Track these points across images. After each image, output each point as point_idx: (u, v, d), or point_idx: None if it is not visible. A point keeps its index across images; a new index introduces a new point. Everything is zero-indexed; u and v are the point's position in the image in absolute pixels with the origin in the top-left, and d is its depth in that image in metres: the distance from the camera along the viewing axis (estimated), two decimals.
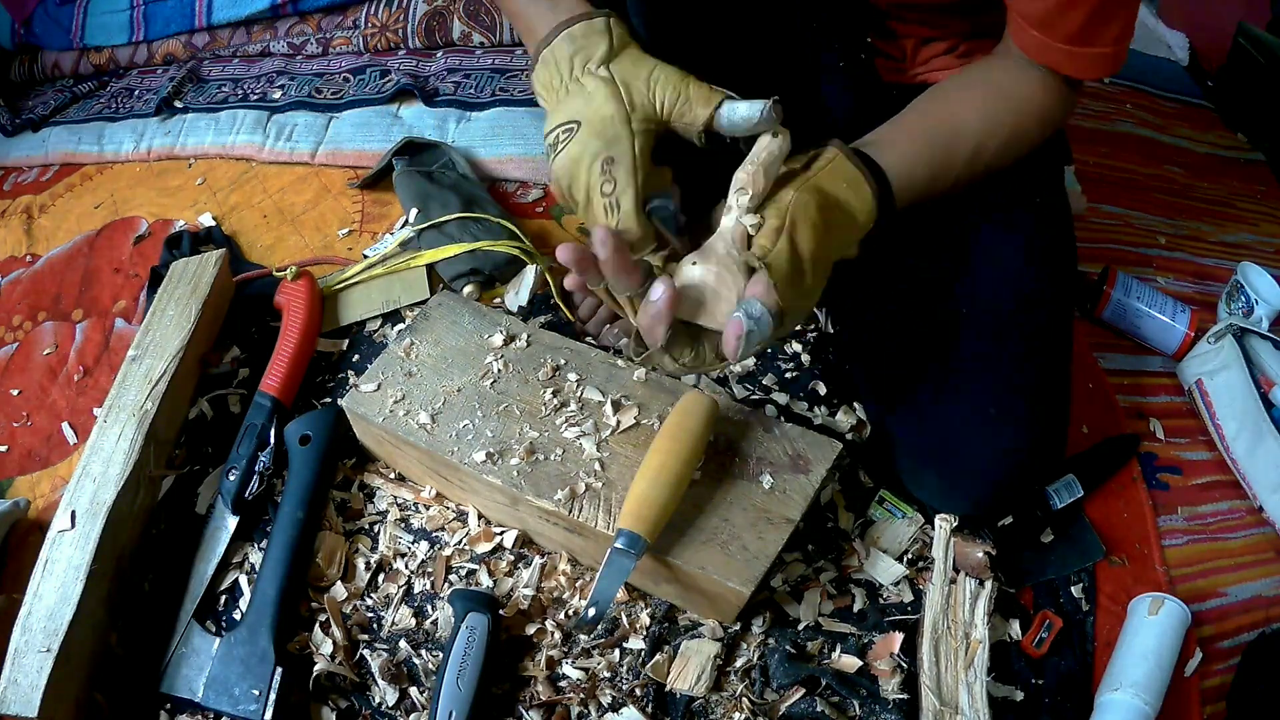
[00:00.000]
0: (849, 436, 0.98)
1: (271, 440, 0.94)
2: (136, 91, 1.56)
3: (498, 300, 1.12)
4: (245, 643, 0.81)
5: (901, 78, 0.93)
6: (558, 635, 0.84)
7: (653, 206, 0.69)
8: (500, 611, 0.83)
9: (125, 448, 0.89)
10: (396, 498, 0.94)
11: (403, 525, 0.92)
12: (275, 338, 1.03)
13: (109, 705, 0.81)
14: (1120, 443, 1.03)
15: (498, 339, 0.92)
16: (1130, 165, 1.43)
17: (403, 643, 0.84)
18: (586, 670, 0.82)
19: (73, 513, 0.85)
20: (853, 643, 0.84)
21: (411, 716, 0.80)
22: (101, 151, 1.45)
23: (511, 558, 0.89)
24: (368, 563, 0.89)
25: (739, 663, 0.82)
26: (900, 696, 0.81)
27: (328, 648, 0.83)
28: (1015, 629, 0.87)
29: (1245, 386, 1.03)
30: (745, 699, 0.80)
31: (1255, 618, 0.93)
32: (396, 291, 1.12)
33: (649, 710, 0.79)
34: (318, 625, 0.85)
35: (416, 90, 1.42)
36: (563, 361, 0.91)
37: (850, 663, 0.83)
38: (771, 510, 0.81)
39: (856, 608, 0.87)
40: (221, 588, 0.88)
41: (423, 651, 0.83)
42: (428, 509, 0.93)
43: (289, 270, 1.08)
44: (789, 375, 1.04)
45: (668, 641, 0.83)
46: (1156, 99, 1.58)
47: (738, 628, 0.84)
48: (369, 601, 0.87)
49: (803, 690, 0.80)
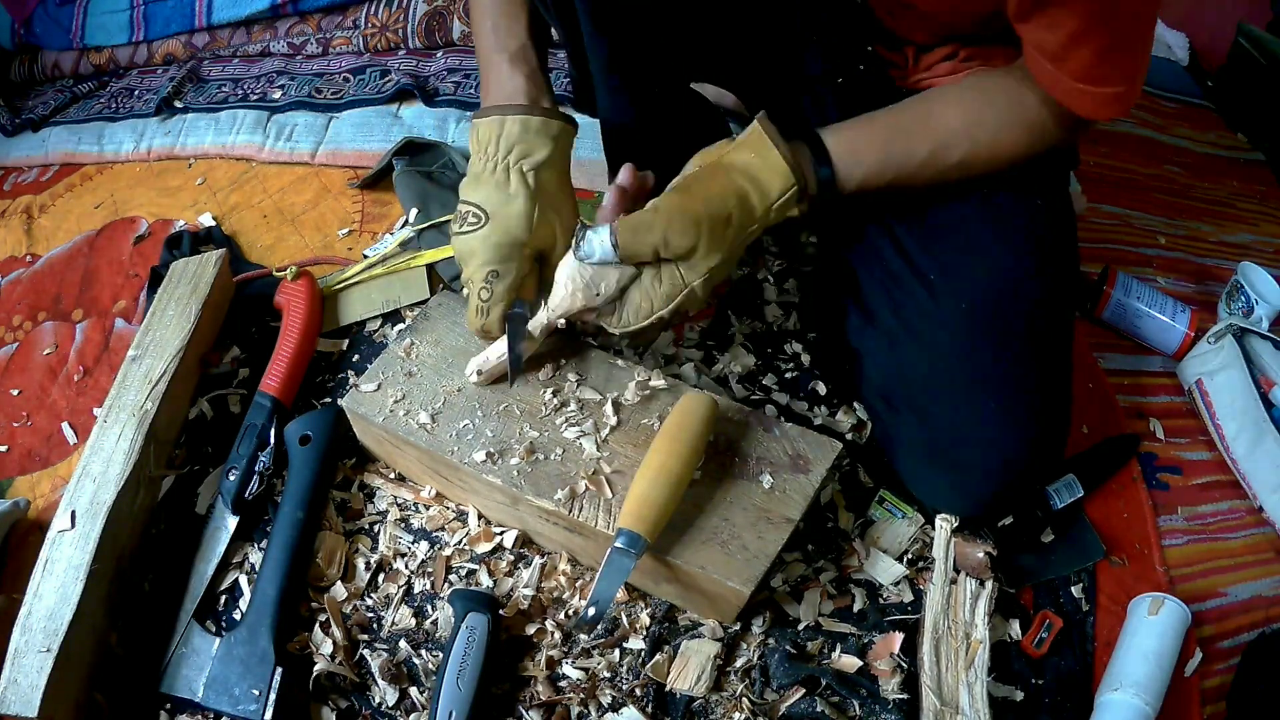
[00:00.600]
0: (849, 436, 0.98)
1: (271, 440, 0.94)
2: (136, 91, 1.56)
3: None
4: (245, 643, 0.81)
5: (904, 84, 0.93)
6: (558, 635, 0.84)
7: (510, 315, 0.84)
8: (500, 611, 0.83)
9: (125, 448, 0.89)
10: (396, 498, 0.94)
11: (403, 525, 0.92)
12: (275, 338, 1.03)
13: (109, 705, 0.81)
14: (1120, 443, 1.03)
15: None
16: (1130, 165, 1.43)
17: (403, 643, 0.84)
18: (586, 670, 0.82)
19: (73, 513, 0.85)
20: (853, 643, 0.84)
21: (411, 716, 0.80)
22: (101, 151, 1.45)
23: (511, 558, 0.89)
24: (368, 563, 0.89)
25: (739, 663, 0.82)
26: (900, 696, 0.81)
27: (328, 648, 0.83)
28: (1015, 629, 0.87)
29: (1245, 386, 1.03)
30: (745, 699, 0.80)
31: (1255, 618, 0.93)
32: (396, 291, 1.12)
33: (649, 710, 0.79)
34: (318, 625, 0.85)
35: (416, 90, 1.42)
36: (563, 361, 0.91)
37: (850, 663, 0.83)
38: (771, 510, 0.81)
39: (856, 608, 0.87)
40: (221, 588, 0.88)
41: (423, 651, 0.83)
42: (428, 509, 0.93)
43: (289, 270, 1.08)
44: (789, 375, 1.04)
45: (668, 641, 0.83)
46: (1156, 99, 1.58)
47: (738, 628, 0.84)
48: (369, 601, 0.87)
49: (803, 690, 0.80)
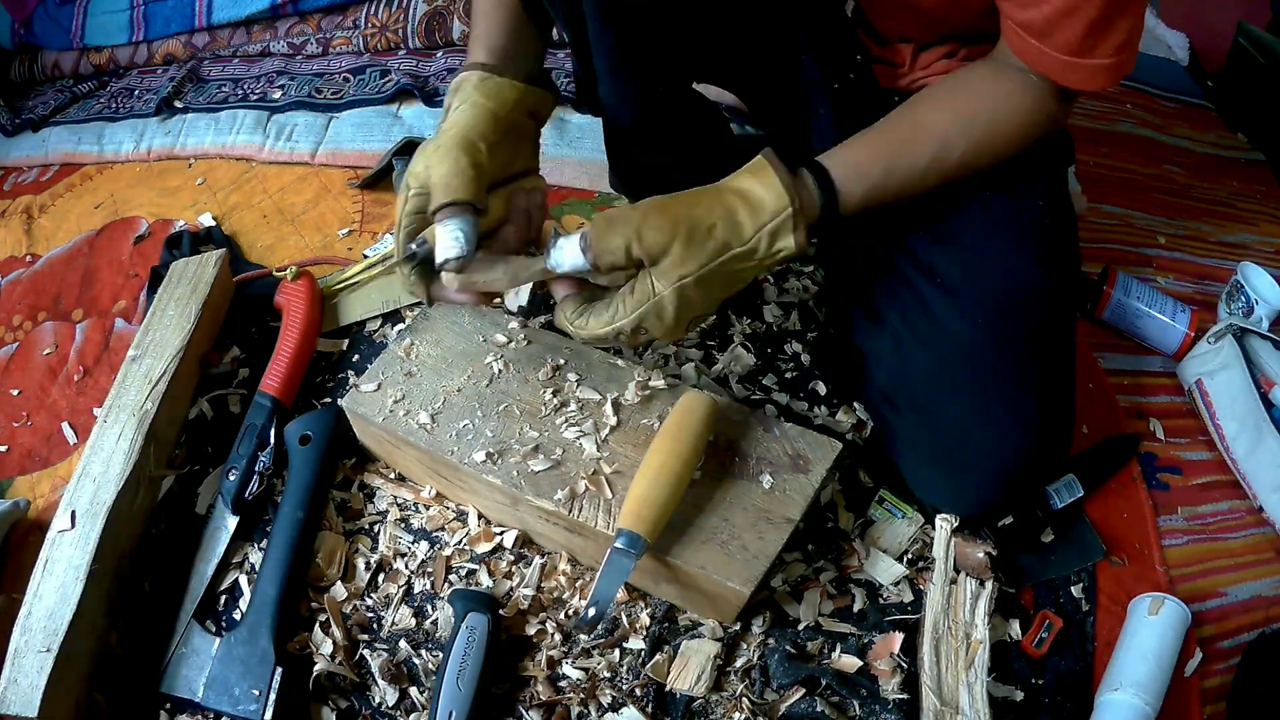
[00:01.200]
0: (849, 436, 0.98)
1: (271, 440, 0.94)
2: (136, 91, 1.56)
3: (498, 300, 1.12)
4: (245, 643, 0.81)
5: (900, 84, 0.93)
6: (558, 635, 0.84)
7: (405, 255, 0.79)
8: (500, 611, 0.83)
9: (125, 448, 0.89)
10: (396, 498, 0.94)
11: (403, 525, 0.92)
12: (275, 338, 1.03)
13: (109, 705, 0.81)
14: (1120, 443, 1.03)
15: (499, 338, 0.92)
16: (1130, 165, 1.43)
17: (403, 643, 0.84)
18: (586, 670, 0.82)
19: (73, 513, 0.85)
20: (853, 643, 0.84)
21: (411, 716, 0.80)
22: (101, 151, 1.45)
23: (511, 558, 0.89)
24: (368, 563, 0.89)
25: (739, 663, 0.82)
26: (900, 696, 0.81)
27: (328, 648, 0.83)
28: (1015, 629, 0.87)
29: (1245, 386, 1.03)
30: (745, 699, 0.80)
31: (1255, 618, 0.93)
32: (396, 291, 1.12)
33: (649, 710, 0.79)
34: (318, 625, 0.85)
35: (416, 90, 1.42)
36: (563, 361, 0.91)
37: (850, 663, 0.83)
38: (771, 510, 0.81)
39: (856, 608, 0.87)
40: (221, 588, 0.88)
41: (423, 651, 0.83)
42: (428, 509, 0.93)
43: (289, 270, 1.08)
44: (789, 375, 1.04)
45: (668, 641, 0.83)
46: (1156, 99, 1.58)
47: (738, 628, 0.84)
48: (369, 601, 0.87)
49: (803, 690, 0.80)
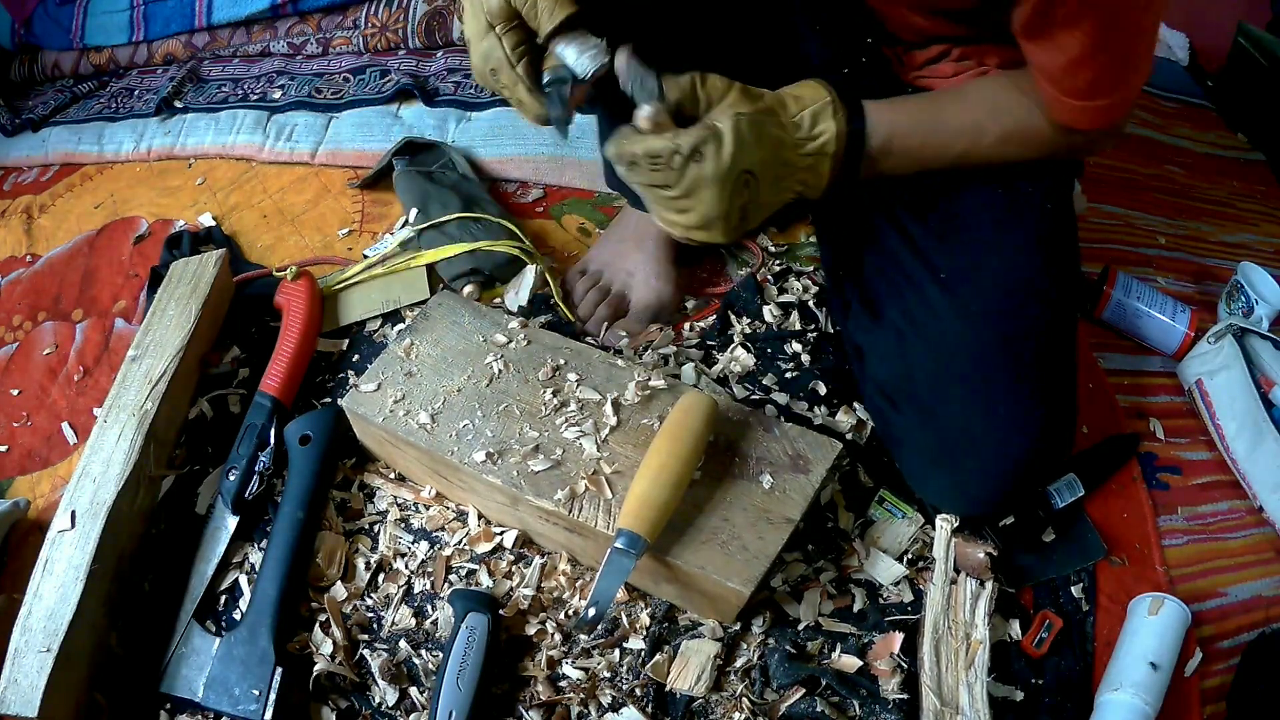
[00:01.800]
0: (849, 436, 0.98)
1: (271, 440, 0.94)
2: (136, 91, 1.56)
3: (498, 300, 1.12)
4: (245, 643, 0.81)
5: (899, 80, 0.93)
6: (558, 635, 0.84)
7: (545, 84, 0.75)
8: (500, 611, 0.83)
9: (125, 448, 0.89)
10: (396, 498, 0.94)
11: (403, 525, 0.92)
12: (275, 338, 1.03)
13: (109, 705, 0.81)
14: (1120, 442, 1.03)
15: (499, 338, 0.92)
16: (1130, 165, 1.43)
17: (403, 643, 0.84)
18: (586, 670, 0.82)
19: (73, 513, 0.85)
20: (853, 643, 0.84)
21: (411, 716, 0.80)
22: (101, 151, 1.45)
23: (511, 558, 0.89)
24: (368, 563, 0.89)
25: (739, 663, 0.82)
26: (900, 696, 0.81)
27: (328, 648, 0.83)
28: (1015, 629, 0.87)
29: (1245, 386, 1.03)
30: (745, 699, 0.80)
31: (1255, 618, 0.93)
32: (396, 291, 1.12)
33: (649, 710, 0.79)
34: (318, 625, 0.85)
35: (416, 90, 1.42)
36: (563, 361, 0.91)
37: (850, 663, 0.83)
38: (771, 510, 0.81)
39: (856, 608, 0.87)
40: (221, 588, 0.88)
41: (423, 651, 0.83)
42: (428, 509, 0.93)
43: (289, 270, 1.08)
44: (789, 375, 1.04)
45: (668, 641, 0.83)
46: (1156, 99, 1.58)
47: (738, 628, 0.84)
48: (369, 601, 0.87)
49: (803, 690, 0.80)
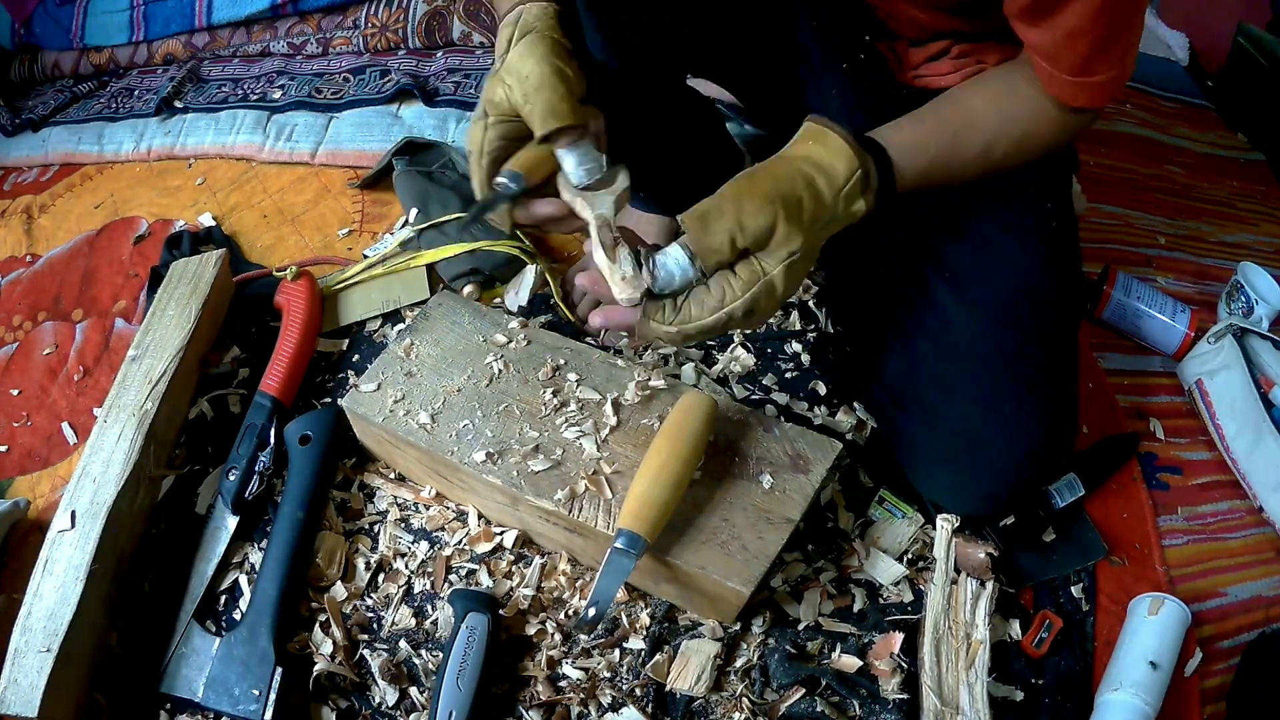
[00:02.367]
0: (849, 436, 0.98)
1: (271, 440, 0.94)
2: (136, 91, 1.56)
3: (498, 300, 1.12)
4: (245, 643, 0.81)
5: (898, 78, 0.93)
6: (558, 635, 0.84)
7: (495, 181, 0.76)
8: (500, 611, 0.83)
9: (125, 448, 0.89)
10: (396, 498, 0.94)
11: (403, 525, 0.92)
12: (275, 338, 1.03)
13: (109, 705, 0.81)
14: (1120, 442, 1.03)
15: (499, 338, 0.92)
16: (1130, 165, 1.43)
17: (403, 643, 0.84)
18: (586, 670, 0.82)
19: (73, 513, 0.85)
20: (853, 643, 0.84)
21: (411, 716, 0.80)
22: (101, 151, 1.45)
23: (511, 558, 0.89)
24: (368, 563, 0.89)
25: (739, 663, 0.82)
26: (900, 696, 0.81)
27: (328, 648, 0.83)
28: (1015, 629, 0.87)
29: (1245, 386, 1.03)
30: (745, 699, 0.80)
31: (1255, 618, 0.93)
32: (396, 291, 1.12)
33: (649, 710, 0.79)
34: (318, 625, 0.85)
35: (416, 90, 1.42)
36: (563, 361, 0.91)
37: (850, 663, 0.83)
38: (771, 510, 0.81)
39: (856, 608, 0.87)
40: (221, 588, 0.88)
41: (423, 651, 0.83)
42: (428, 509, 0.93)
43: (289, 270, 1.08)
44: (789, 375, 1.04)
45: (668, 641, 0.83)
46: (1156, 99, 1.58)
47: (738, 628, 0.84)
48: (369, 601, 0.87)
49: (803, 690, 0.80)
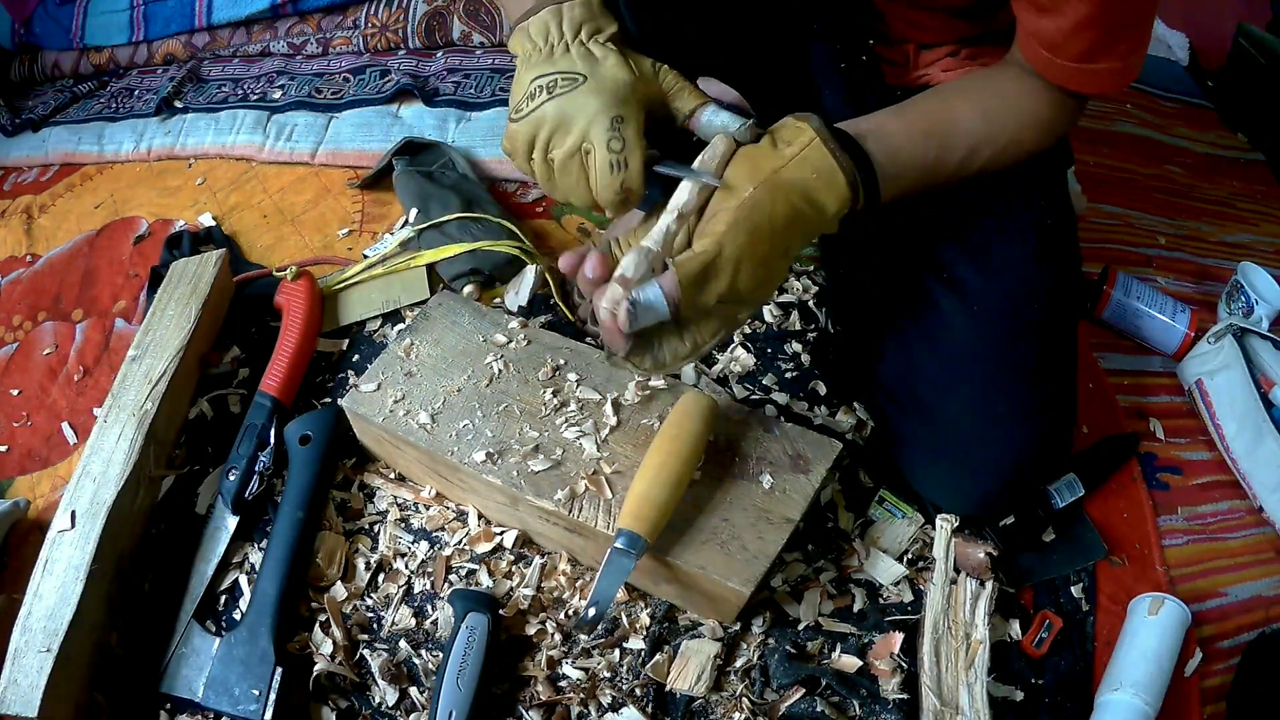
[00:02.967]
0: (849, 436, 0.98)
1: (271, 440, 0.94)
2: (136, 91, 1.56)
3: (498, 300, 1.12)
4: (245, 643, 0.81)
5: (903, 80, 0.93)
6: (558, 635, 0.84)
7: (660, 166, 0.69)
8: (500, 611, 0.83)
9: (125, 448, 0.89)
10: (396, 498, 0.94)
11: (403, 525, 0.92)
12: (275, 338, 1.03)
13: (109, 705, 0.81)
14: (1120, 442, 1.03)
15: (499, 338, 0.92)
16: (1130, 165, 1.43)
17: (403, 643, 0.84)
18: (586, 670, 0.82)
19: (73, 513, 0.85)
20: (853, 643, 0.84)
21: (411, 716, 0.80)
22: (101, 151, 1.45)
23: (511, 558, 0.89)
24: (368, 563, 0.89)
25: (739, 663, 0.82)
26: (900, 696, 0.81)
27: (328, 648, 0.83)
28: (1015, 629, 0.87)
29: (1245, 386, 1.03)
30: (745, 699, 0.80)
31: (1255, 618, 0.93)
32: (396, 291, 1.12)
33: (649, 710, 0.79)
34: (318, 625, 0.85)
35: (416, 90, 1.42)
36: (563, 361, 0.91)
37: (850, 663, 0.83)
38: (771, 510, 0.81)
39: (856, 608, 0.87)
40: (221, 588, 0.88)
41: (423, 651, 0.83)
42: (428, 509, 0.93)
43: (289, 270, 1.08)
44: (789, 375, 1.04)
45: (668, 641, 0.83)
46: (1156, 99, 1.58)
47: (738, 628, 0.84)
48: (369, 601, 0.87)
49: (803, 690, 0.80)
